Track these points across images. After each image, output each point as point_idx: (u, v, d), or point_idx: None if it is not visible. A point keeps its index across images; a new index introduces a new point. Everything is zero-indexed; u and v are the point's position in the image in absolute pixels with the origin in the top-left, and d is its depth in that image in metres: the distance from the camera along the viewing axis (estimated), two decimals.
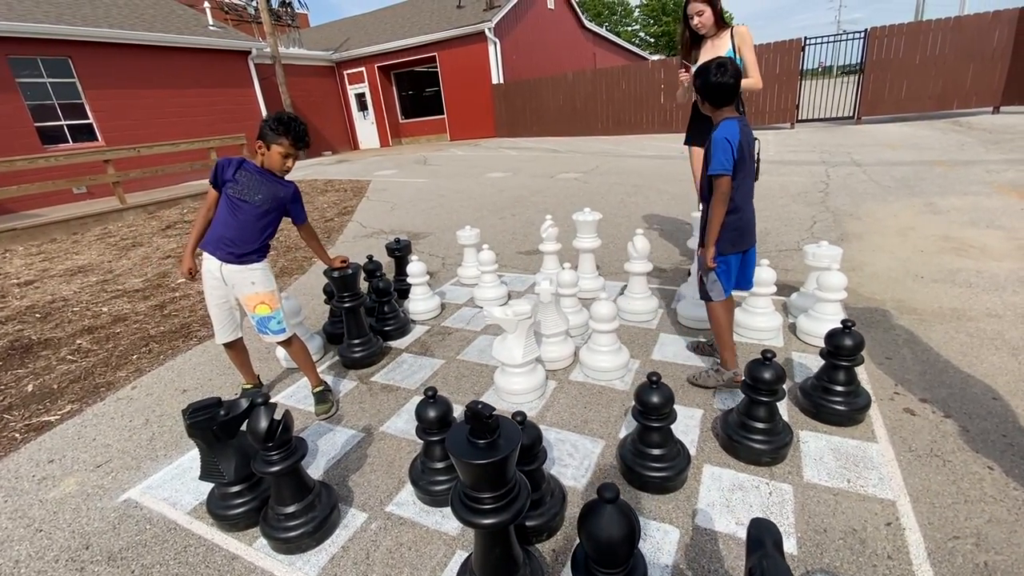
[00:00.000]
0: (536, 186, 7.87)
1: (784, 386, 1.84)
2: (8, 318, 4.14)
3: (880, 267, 3.55)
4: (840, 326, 2.00)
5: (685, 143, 3.55)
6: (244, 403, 1.73)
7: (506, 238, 5.17)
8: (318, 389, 2.46)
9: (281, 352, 2.86)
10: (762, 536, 1.01)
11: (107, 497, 2.02)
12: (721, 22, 3.10)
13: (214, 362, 3.08)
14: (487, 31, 14.86)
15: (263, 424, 1.56)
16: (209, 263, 2.25)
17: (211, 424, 1.70)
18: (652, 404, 1.70)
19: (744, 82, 3.08)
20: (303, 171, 11.82)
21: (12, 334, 3.80)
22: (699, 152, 3.49)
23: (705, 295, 2.25)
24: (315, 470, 2.05)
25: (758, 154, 3.18)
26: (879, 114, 11.67)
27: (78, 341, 3.59)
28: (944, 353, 2.46)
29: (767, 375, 1.79)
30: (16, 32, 9.69)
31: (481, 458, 1.19)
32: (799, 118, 12.36)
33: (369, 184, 9.18)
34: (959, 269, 3.39)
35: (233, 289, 2.29)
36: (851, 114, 12.00)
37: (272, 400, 1.70)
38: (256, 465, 1.62)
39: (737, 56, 3.11)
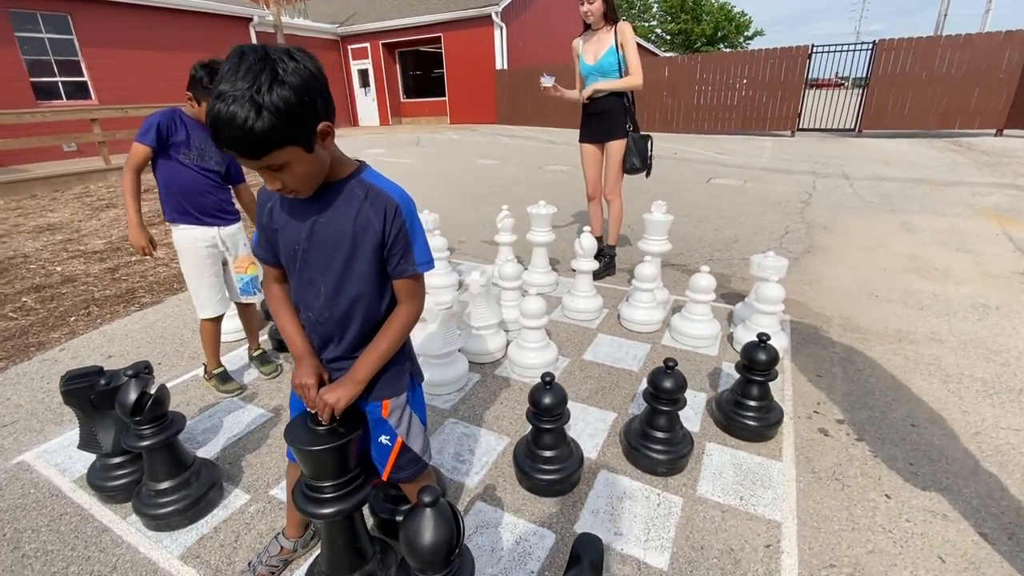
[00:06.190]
0: (522, 176, 7.77)
1: (685, 395, 1.79)
2: None
3: (837, 282, 3.49)
4: (756, 339, 1.95)
5: (580, 141, 3.61)
6: (128, 374, 1.68)
7: (475, 226, 5.10)
8: (259, 352, 2.53)
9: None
10: (581, 552, 0.96)
11: (2, 458, 1.99)
12: (611, 16, 3.18)
13: (148, 330, 3.03)
14: (494, 15, 14.65)
15: (131, 396, 1.51)
16: (199, 232, 2.14)
17: (88, 393, 1.65)
18: (544, 405, 1.65)
19: (623, 81, 3.22)
20: None
21: None
22: (589, 148, 3.57)
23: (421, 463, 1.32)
24: (212, 447, 2.01)
25: (651, 154, 2.93)
26: (881, 128, 11.52)
27: (23, 299, 3.54)
28: (876, 375, 2.41)
29: (668, 384, 1.74)
30: None
31: (320, 444, 1.14)
32: (800, 126, 12.20)
33: None
34: (916, 290, 3.33)
35: (226, 253, 2.26)
36: (853, 126, 11.85)
37: (152, 373, 1.65)
38: (127, 439, 1.57)
39: (619, 52, 3.15)
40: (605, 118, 3.36)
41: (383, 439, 1.24)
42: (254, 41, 13.75)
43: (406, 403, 1.26)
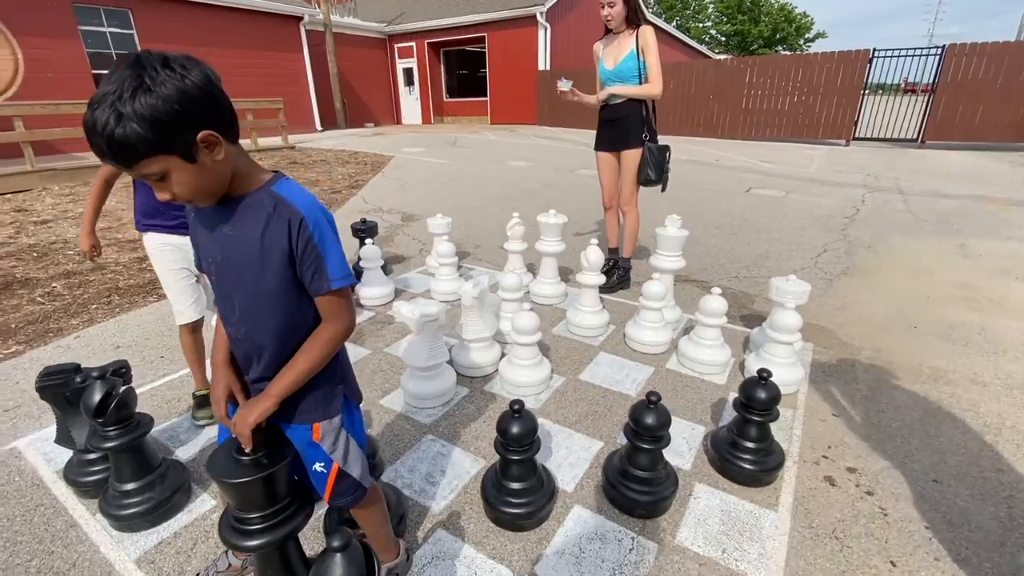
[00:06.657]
0: (552, 179, 7.64)
1: (669, 432, 1.65)
2: (9, 254, 4.35)
3: (873, 310, 3.22)
4: (756, 376, 1.78)
5: (595, 149, 3.47)
6: (94, 375, 1.69)
7: (495, 230, 5.03)
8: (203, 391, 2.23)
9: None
10: None
11: None
12: (633, 20, 3.04)
13: (159, 322, 3.11)
14: (538, 15, 14.54)
15: (95, 398, 1.51)
16: (170, 238, 2.06)
17: (63, 390, 1.67)
18: (512, 435, 1.56)
19: (640, 88, 3.07)
20: (336, 140, 11.96)
21: (4, 270, 3.97)
22: (604, 156, 3.43)
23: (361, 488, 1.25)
24: (191, 447, 2.02)
25: (668, 166, 2.77)
26: (947, 139, 10.71)
27: (53, 284, 3.71)
28: (901, 418, 2.18)
29: (649, 420, 1.60)
30: None
31: (242, 476, 1.09)
32: (856, 135, 11.51)
33: (391, 160, 9.19)
34: (962, 323, 3.02)
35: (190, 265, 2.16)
36: (915, 136, 11.08)
37: (128, 373, 1.65)
38: (92, 439, 1.58)
39: (640, 58, 2.99)
40: (621, 125, 3.23)
41: (317, 466, 1.17)
42: (304, 40, 14.18)
43: (340, 427, 1.19)
